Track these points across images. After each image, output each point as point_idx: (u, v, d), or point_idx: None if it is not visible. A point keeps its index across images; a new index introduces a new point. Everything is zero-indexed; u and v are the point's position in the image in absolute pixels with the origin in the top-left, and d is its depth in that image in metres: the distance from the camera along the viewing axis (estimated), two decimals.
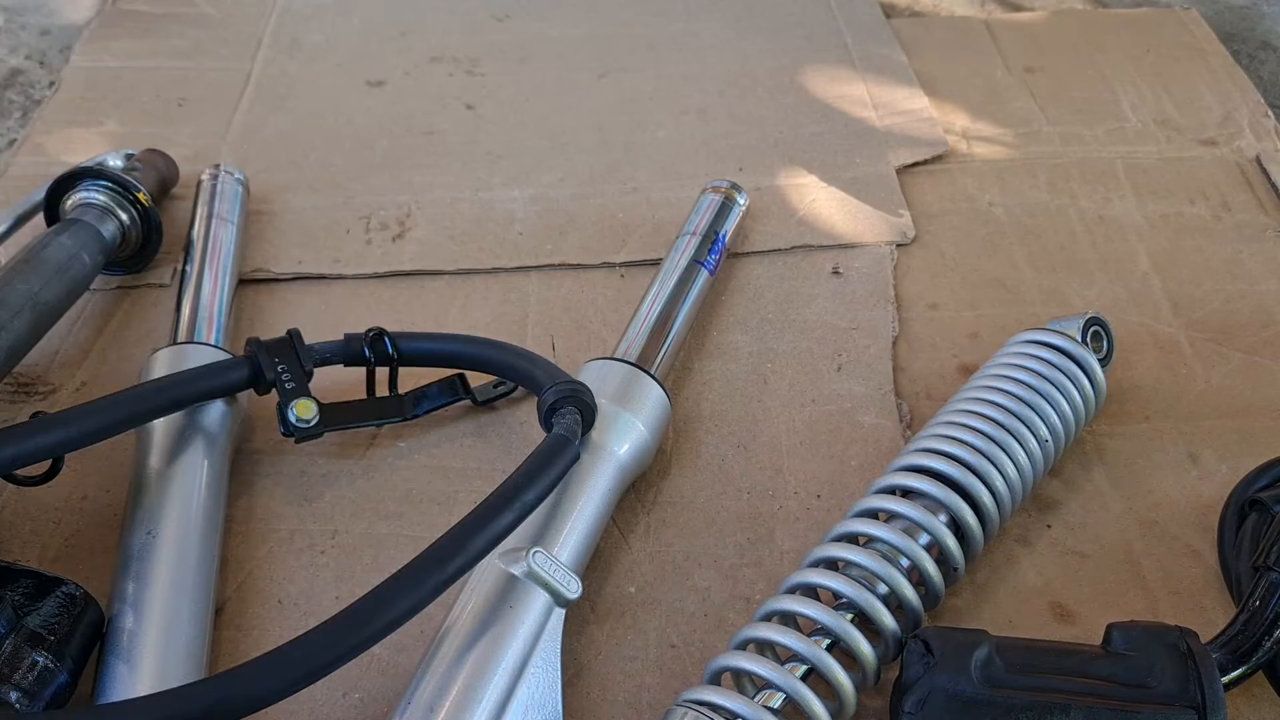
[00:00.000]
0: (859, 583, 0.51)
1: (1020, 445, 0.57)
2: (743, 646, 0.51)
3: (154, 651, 0.51)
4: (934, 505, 0.54)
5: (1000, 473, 0.56)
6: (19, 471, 0.54)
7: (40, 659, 0.47)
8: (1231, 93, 0.92)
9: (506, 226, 0.79)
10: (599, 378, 0.61)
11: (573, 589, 0.51)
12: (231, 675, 0.45)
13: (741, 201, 0.76)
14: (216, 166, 0.78)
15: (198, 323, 0.66)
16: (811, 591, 0.52)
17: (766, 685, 0.48)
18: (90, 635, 0.50)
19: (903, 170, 0.84)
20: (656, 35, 1.00)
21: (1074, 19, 1.04)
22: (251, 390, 0.61)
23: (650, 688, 0.53)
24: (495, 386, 0.66)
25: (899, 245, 0.77)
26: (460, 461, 0.63)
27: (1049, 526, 0.60)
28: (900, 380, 0.68)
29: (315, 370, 0.61)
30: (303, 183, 0.83)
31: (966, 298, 0.74)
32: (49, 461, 0.55)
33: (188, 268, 0.70)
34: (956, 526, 0.54)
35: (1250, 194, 0.82)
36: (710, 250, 0.71)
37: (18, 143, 0.87)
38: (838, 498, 0.61)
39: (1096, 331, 0.64)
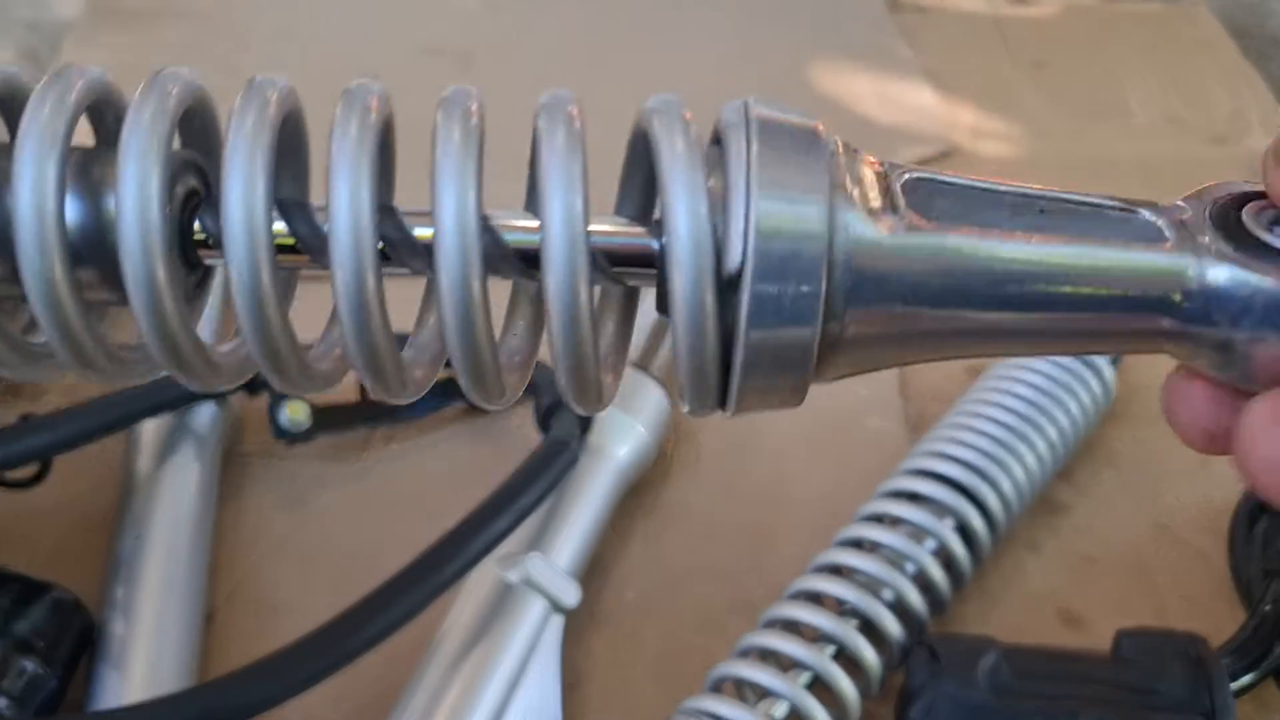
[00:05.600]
0: (864, 589, 0.50)
1: (1028, 448, 0.56)
2: (745, 654, 0.50)
3: (145, 658, 0.50)
4: (940, 510, 0.54)
5: (1008, 476, 0.55)
6: (7, 474, 0.54)
7: (29, 665, 0.47)
8: (1241, 89, 0.91)
9: None
10: None
11: (571, 595, 0.50)
12: (222, 683, 0.44)
13: None
14: None
15: None
16: (815, 598, 0.52)
17: (769, 694, 0.48)
18: (80, 641, 0.50)
19: None
20: (654, 25, 0.99)
21: (1083, 14, 1.03)
22: (243, 391, 0.60)
23: (650, 697, 0.52)
24: None
25: None
26: (455, 465, 0.63)
27: (1057, 530, 0.59)
28: (906, 382, 0.67)
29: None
30: None
31: None
32: (38, 464, 0.55)
33: None
34: (963, 531, 0.54)
35: None
36: None
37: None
38: (842, 502, 0.60)
39: None
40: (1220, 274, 0.25)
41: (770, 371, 0.24)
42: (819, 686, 0.48)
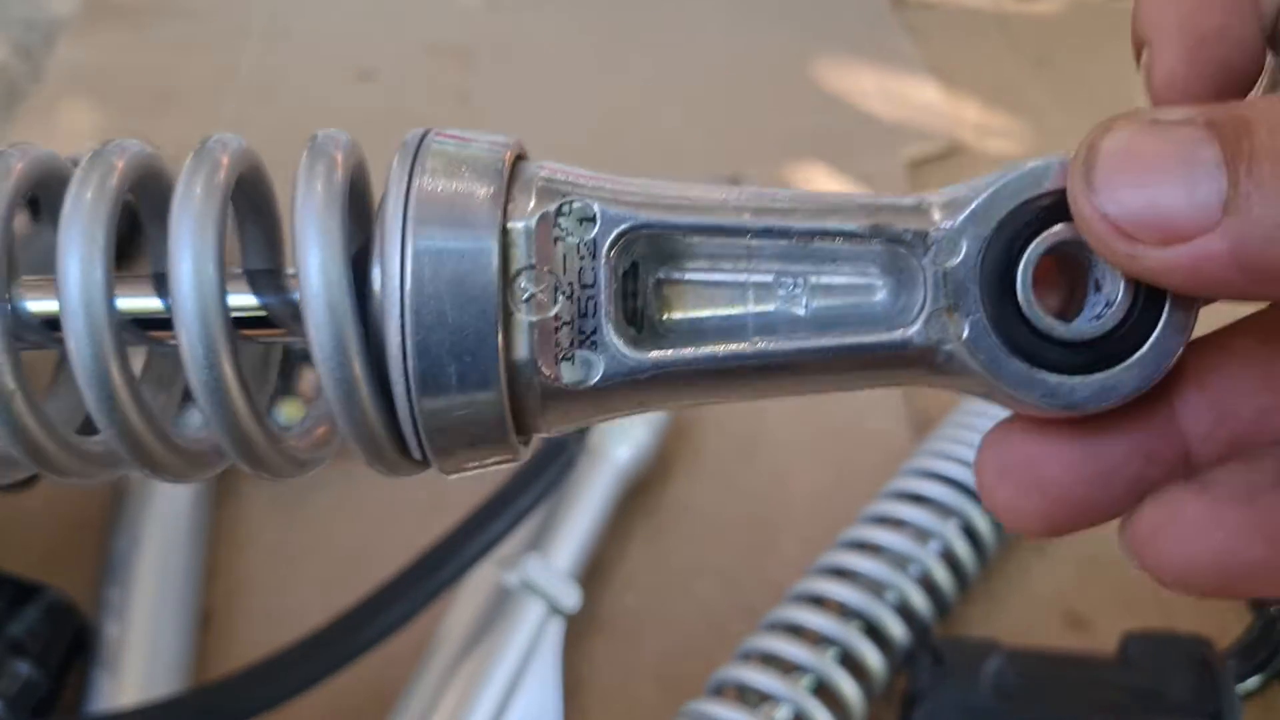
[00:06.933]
0: (867, 591, 0.50)
1: None
2: (747, 657, 0.50)
3: (139, 661, 0.50)
4: (944, 511, 0.53)
5: None
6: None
7: (23, 668, 0.47)
8: None
9: None
10: None
11: (570, 598, 0.50)
12: (218, 686, 0.44)
13: None
14: None
15: None
16: (818, 601, 0.51)
17: (771, 698, 0.47)
18: (74, 644, 0.50)
19: (912, 164, 0.82)
20: (656, 22, 0.98)
21: (1087, 10, 1.02)
22: None
23: (650, 701, 0.52)
24: None
25: None
26: None
27: None
28: None
29: (303, 371, 0.60)
30: (291, 180, 0.82)
31: None
32: None
33: None
34: (968, 532, 0.53)
35: None
36: None
37: (1, 137, 0.86)
38: (844, 503, 0.60)
39: None
40: (971, 361, 0.21)
41: (463, 436, 0.20)
42: (822, 689, 0.48)
